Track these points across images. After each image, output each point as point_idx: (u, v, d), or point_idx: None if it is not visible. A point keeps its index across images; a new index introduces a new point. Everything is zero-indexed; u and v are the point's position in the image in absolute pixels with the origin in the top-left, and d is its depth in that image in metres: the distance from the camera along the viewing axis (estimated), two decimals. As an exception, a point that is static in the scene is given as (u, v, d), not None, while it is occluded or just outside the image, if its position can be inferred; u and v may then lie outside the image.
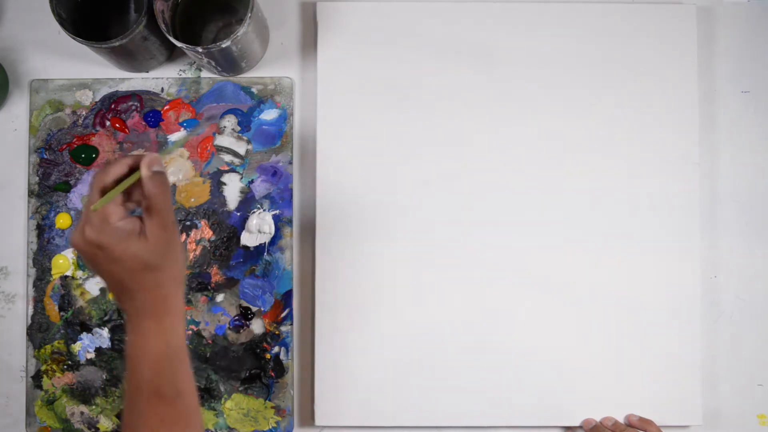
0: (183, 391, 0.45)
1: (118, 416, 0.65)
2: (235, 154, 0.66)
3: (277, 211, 0.66)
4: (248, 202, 0.65)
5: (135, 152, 0.45)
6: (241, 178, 0.66)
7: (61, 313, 0.65)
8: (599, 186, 0.65)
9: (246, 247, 0.65)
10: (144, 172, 0.44)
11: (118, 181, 0.45)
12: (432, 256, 0.65)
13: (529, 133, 0.66)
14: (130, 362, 0.45)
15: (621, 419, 0.64)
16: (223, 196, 0.65)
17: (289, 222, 0.65)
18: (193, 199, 0.65)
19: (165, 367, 0.45)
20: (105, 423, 0.65)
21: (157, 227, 0.44)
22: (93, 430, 0.65)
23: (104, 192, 0.45)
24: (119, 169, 0.45)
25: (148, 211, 0.45)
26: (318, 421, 0.64)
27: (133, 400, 0.45)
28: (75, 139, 0.66)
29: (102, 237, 0.44)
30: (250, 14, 0.57)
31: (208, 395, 0.65)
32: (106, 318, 0.65)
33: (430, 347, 0.65)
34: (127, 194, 0.46)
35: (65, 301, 0.65)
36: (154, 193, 0.44)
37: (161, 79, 0.66)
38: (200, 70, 0.67)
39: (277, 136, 0.66)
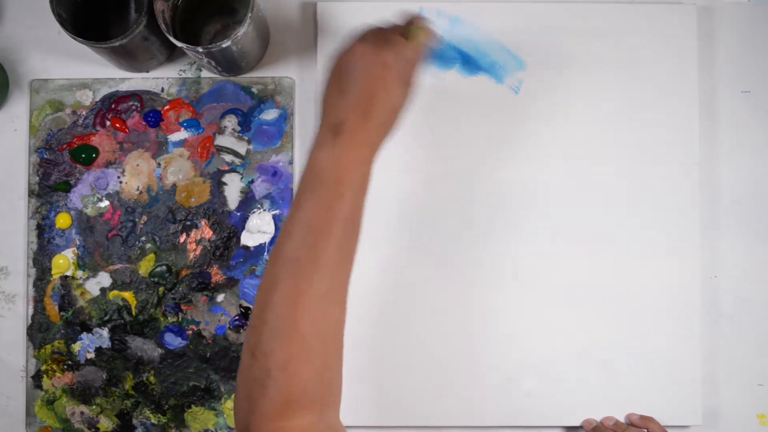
0: (360, 219, 0.48)
1: (118, 416, 0.65)
2: (236, 154, 0.66)
3: (277, 211, 0.66)
4: (248, 202, 0.65)
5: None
6: (242, 178, 0.66)
7: (61, 313, 0.65)
8: (599, 186, 0.65)
9: (246, 247, 0.65)
10: (424, 38, 0.52)
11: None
12: (432, 256, 0.65)
13: (528, 133, 0.66)
14: (333, 183, 0.47)
15: (621, 419, 0.64)
16: (224, 196, 0.65)
17: (289, 222, 0.65)
18: (193, 199, 0.65)
19: (357, 192, 0.48)
20: (105, 423, 0.65)
21: (412, 82, 0.52)
22: (93, 430, 0.65)
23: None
24: (419, 20, 0.53)
25: (409, 66, 0.51)
26: (318, 421, 0.64)
27: (327, 222, 0.46)
28: (75, 139, 0.66)
29: (395, 64, 0.49)
30: (250, 14, 0.57)
31: (208, 395, 0.65)
32: (106, 318, 0.65)
33: (430, 347, 0.65)
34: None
35: (65, 301, 0.65)
36: (419, 57, 0.52)
37: (161, 79, 0.66)
38: (200, 70, 0.66)
39: (277, 136, 0.66)
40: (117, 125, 0.66)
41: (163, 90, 0.66)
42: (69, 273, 0.65)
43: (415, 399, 0.64)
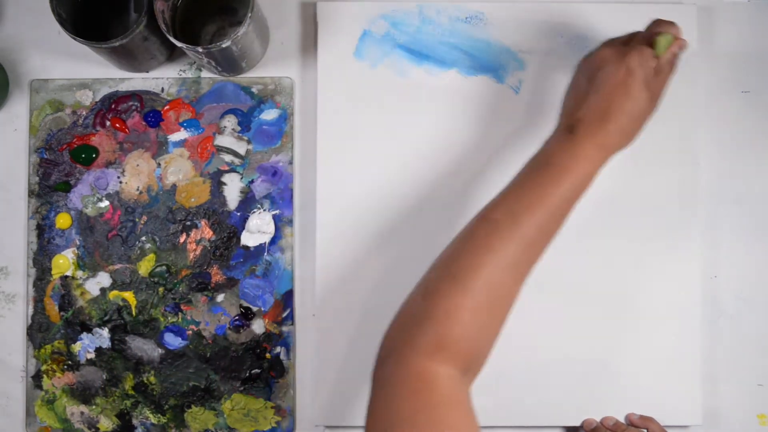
0: (568, 212, 0.50)
1: (118, 416, 0.65)
2: (236, 154, 0.66)
3: (277, 211, 0.66)
4: (248, 202, 0.65)
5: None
6: (242, 178, 0.66)
7: (61, 313, 0.65)
8: (599, 186, 0.65)
9: (246, 247, 0.65)
10: (671, 46, 0.53)
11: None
12: (432, 256, 0.65)
13: (528, 133, 0.66)
14: (557, 171, 0.49)
15: (621, 419, 0.64)
16: (224, 196, 0.65)
17: (289, 222, 0.65)
18: (193, 199, 0.65)
19: (579, 187, 0.49)
20: (105, 423, 0.65)
21: (658, 92, 0.53)
22: (93, 430, 0.65)
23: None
24: (671, 28, 0.54)
25: (658, 76, 0.52)
26: (318, 421, 0.64)
27: (538, 202, 0.48)
28: (75, 139, 0.66)
29: (641, 70, 0.51)
30: (250, 14, 0.57)
31: (208, 395, 0.65)
32: (106, 318, 0.65)
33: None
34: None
35: (65, 301, 0.65)
36: (670, 69, 0.54)
37: (161, 79, 0.66)
38: (200, 70, 0.67)
39: (277, 136, 0.66)
40: (117, 125, 0.66)
41: (163, 90, 0.66)
42: (69, 273, 0.65)
43: (415, 399, 0.64)
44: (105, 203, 0.65)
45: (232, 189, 0.66)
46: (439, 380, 0.44)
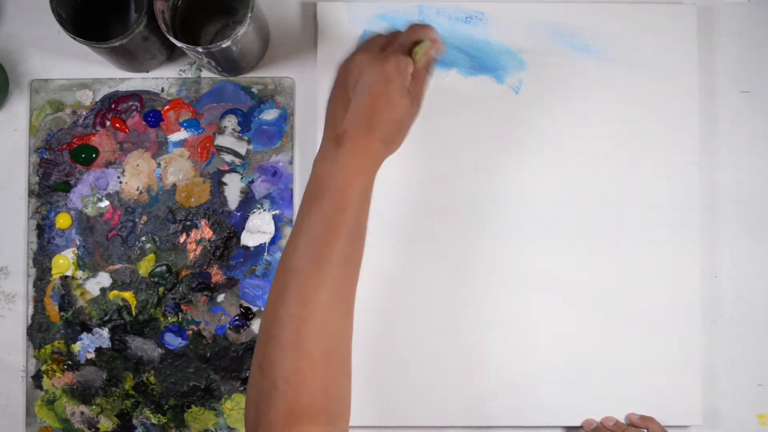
0: (364, 228, 0.49)
1: (118, 416, 0.65)
2: (236, 154, 0.66)
3: (277, 211, 0.66)
4: (248, 202, 0.65)
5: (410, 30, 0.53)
6: (242, 178, 0.66)
7: (61, 313, 0.65)
8: (599, 186, 0.65)
9: (246, 247, 0.65)
10: (429, 51, 0.52)
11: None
12: (432, 256, 0.65)
13: (528, 133, 0.66)
14: (337, 194, 0.47)
15: (621, 419, 0.64)
16: (224, 196, 0.65)
17: (289, 222, 0.65)
18: (193, 199, 0.65)
19: (361, 203, 0.48)
20: (105, 423, 0.65)
21: (419, 96, 0.52)
22: (93, 430, 0.65)
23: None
24: (428, 33, 0.52)
25: (416, 80, 0.51)
26: (318, 421, 0.64)
27: (332, 233, 0.47)
28: (75, 139, 0.66)
29: (399, 76, 0.49)
30: (250, 14, 0.57)
31: (208, 395, 0.65)
32: (106, 318, 0.65)
33: (430, 347, 0.65)
34: None
35: (65, 301, 0.65)
36: (427, 72, 0.52)
37: (161, 79, 0.66)
38: (200, 70, 0.67)
39: (277, 136, 0.66)
40: (117, 125, 0.66)
41: (163, 90, 0.66)
42: (69, 273, 0.65)
43: (415, 399, 0.64)
44: (105, 203, 0.65)
45: (232, 189, 0.66)
46: None
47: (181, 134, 0.66)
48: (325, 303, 0.45)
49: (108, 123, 0.66)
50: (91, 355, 0.65)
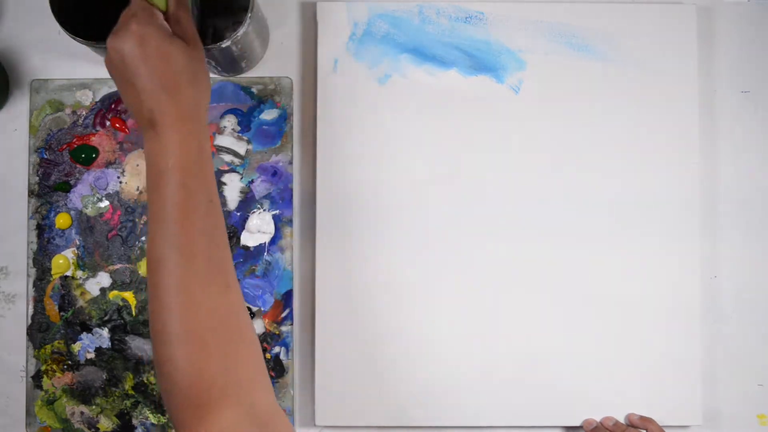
0: (214, 196, 0.46)
1: (118, 416, 0.65)
2: (235, 154, 0.66)
3: (277, 211, 0.66)
4: (248, 202, 0.65)
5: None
6: (241, 178, 0.66)
7: (61, 313, 0.65)
8: (599, 186, 0.65)
9: (246, 247, 0.65)
10: None
11: None
12: (432, 256, 0.65)
13: (529, 133, 0.66)
14: (172, 174, 0.45)
15: (621, 419, 0.64)
16: (223, 196, 0.65)
17: (289, 222, 0.65)
18: (193, 199, 0.65)
19: (201, 170, 0.45)
20: (105, 423, 0.65)
21: (194, 38, 0.48)
22: (93, 430, 0.65)
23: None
24: None
25: (177, 21, 0.48)
26: (318, 421, 0.64)
27: (183, 214, 0.44)
28: (75, 139, 0.66)
29: (150, 29, 0.45)
30: (250, 14, 0.57)
31: (208, 395, 0.65)
32: (106, 318, 0.65)
33: (430, 347, 0.65)
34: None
35: (65, 301, 0.65)
36: (183, 9, 0.48)
37: (161, 79, 0.66)
38: (200, 70, 0.66)
39: (277, 136, 0.66)
40: (117, 125, 0.66)
41: (163, 90, 0.66)
42: (69, 273, 0.65)
43: (415, 399, 0.64)
44: (105, 203, 0.65)
45: (232, 189, 0.66)
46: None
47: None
48: (198, 284, 0.44)
49: (108, 123, 0.66)
50: (91, 355, 0.65)
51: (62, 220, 0.65)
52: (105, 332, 0.65)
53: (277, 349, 0.65)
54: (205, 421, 0.41)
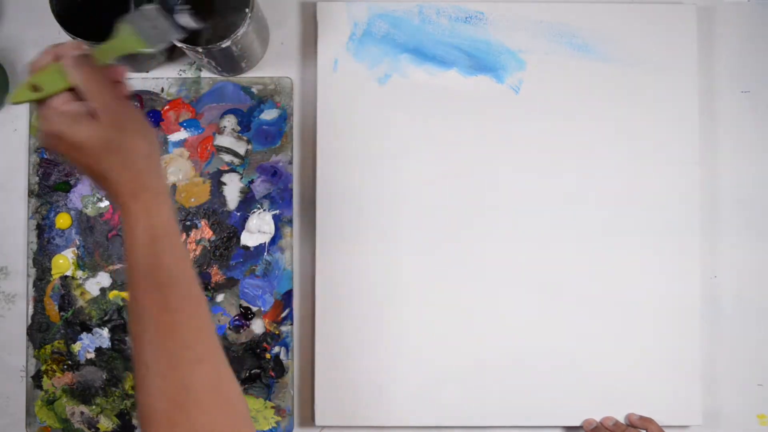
0: (177, 276, 0.43)
1: (118, 416, 0.65)
2: (235, 154, 0.66)
3: (277, 211, 0.66)
4: (248, 202, 0.65)
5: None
6: (241, 178, 0.66)
7: (61, 313, 0.65)
8: (599, 185, 0.65)
9: (246, 247, 0.65)
10: (66, 62, 0.43)
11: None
12: (432, 256, 0.65)
13: (528, 133, 0.66)
14: (125, 249, 0.43)
15: (621, 419, 0.64)
16: (223, 196, 0.65)
17: (289, 222, 0.65)
18: (193, 199, 0.65)
19: (154, 250, 0.43)
20: (105, 423, 0.65)
21: (101, 108, 0.43)
22: (93, 430, 0.65)
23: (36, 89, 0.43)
24: (43, 60, 0.44)
25: (86, 95, 0.43)
26: (318, 421, 0.64)
27: (133, 289, 0.43)
28: (75, 139, 0.65)
29: (53, 125, 0.42)
30: (250, 14, 0.57)
31: (208, 395, 0.65)
32: (106, 318, 0.65)
33: (430, 347, 0.65)
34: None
35: (65, 301, 0.65)
36: (80, 80, 0.43)
37: (161, 79, 0.66)
38: (200, 70, 0.67)
39: (277, 136, 0.66)
40: (117, 125, 0.66)
41: (163, 90, 0.66)
42: (69, 273, 0.65)
43: (414, 399, 0.64)
44: (105, 203, 0.65)
45: (232, 189, 0.66)
46: None
47: (181, 134, 0.66)
48: (163, 363, 0.42)
49: (108, 123, 0.66)
50: (91, 355, 0.65)
51: (62, 220, 0.65)
52: (105, 332, 0.65)
53: (277, 349, 0.65)
54: None
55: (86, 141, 0.42)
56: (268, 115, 0.66)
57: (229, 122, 0.66)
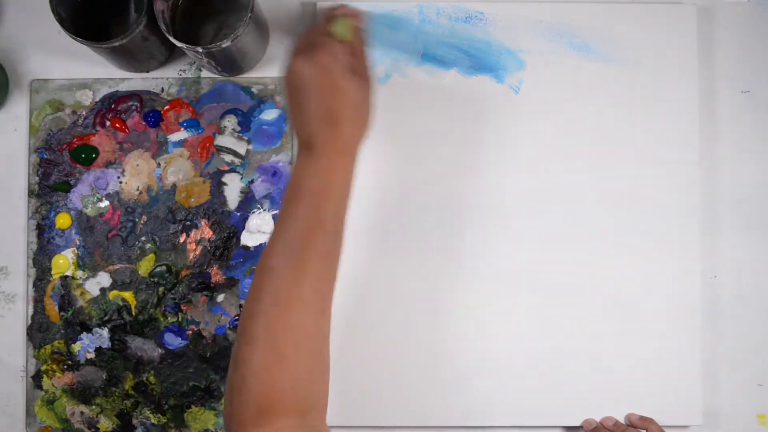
0: (340, 233, 0.49)
1: (118, 416, 0.65)
2: (236, 154, 0.66)
3: (277, 211, 0.65)
4: (248, 202, 0.65)
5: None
6: (242, 178, 0.66)
7: (61, 313, 0.65)
8: (599, 185, 0.65)
9: (246, 247, 0.65)
10: (355, 22, 0.51)
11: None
12: (432, 256, 0.65)
13: (528, 133, 0.66)
14: (313, 197, 0.48)
15: (621, 419, 0.64)
16: (224, 196, 0.65)
17: (289, 222, 0.65)
18: (193, 199, 0.65)
19: (341, 201, 0.48)
20: (105, 423, 0.65)
21: (364, 72, 0.50)
22: (93, 430, 0.65)
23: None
24: (338, 11, 0.52)
25: (356, 57, 0.50)
26: (318, 421, 0.64)
27: (309, 234, 0.47)
28: (75, 139, 0.66)
29: (334, 62, 0.48)
30: (250, 14, 0.57)
31: (209, 395, 0.65)
32: (106, 318, 0.65)
33: (430, 347, 0.65)
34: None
35: (65, 301, 0.65)
36: (360, 42, 0.51)
37: (161, 79, 0.66)
38: (200, 70, 0.67)
39: (277, 136, 0.66)
40: (117, 125, 0.66)
41: (163, 90, 0.66)
42: (69, 273, 0.65)
43: (413, 399, 0.64)
44: (105, 203, 0.65)
45: (232, 189, 0.66)
46: None
47: (181, 134, 0.66)
48: (298, 301, 0.46)
49: (108, 123, 0.66)
50: (91, 355, 0.65)
51: (62, 220, 0.65)
52: (105, 332, 0.65)
53: (277, 349, 0.65)
54: (260, 424, 0.44)
55: (346, 90, 0.48)
56: (268, 115, 0.66)
57: (229, 122, 0.66)
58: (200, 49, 0.57)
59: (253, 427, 0.44)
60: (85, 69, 0.66)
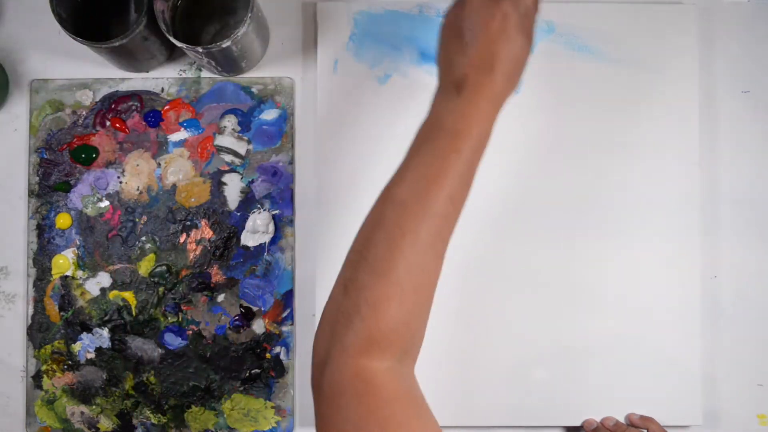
0: (470, 183, 0.48)
1: (119, 416, 0.65)
2: (236, 154, 0.66)
3: (277, 211, 0.66)
4: (248, 202, 0.65)
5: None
6: (242, 178, 0.66)
7: (61, 313, 0.65)
8: (599, 185, 0.65)
9: (246, 247, 0.65)
10: None
11: None
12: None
13: (528, 132, 0.66)
14: (452, 136, 0.46)
15: (621, 419, 0.64)
16: (224, 196, 0.65)
17: (289, 222, 0.65)
18: (193, 199, 0.65)
19: (479, 145, 0.47)
20: (105, 423, 0.65)
21: (531, 33, 0.49)
22: (93, 430, 0.65)
23: None
24: None
25: (526, 17, 0.49)
26: (318, 421, 0.64)
27: (441, 171, 0.46)
28: (75, 139, 0.66)
29: (514, 13, 0.48)
30: (250, 14, 0.57)
31: (208, 395, 0.65)
32: (106, 318, 0.65)
33: (429, 347, 0.64)
34: None
35: (65, 301, 0.65)
36: (536, 8, 0.50)
37: (161, 79, 0.66)
38: (200, 70, 0.67)
39: (277, 136, 0.66)
40: (117, 125, 0.66)
41: (163, 90, 0.66)
42: (69, 273, 0.65)
43: (415, 399, 0.64)
44: (105, 203, 0.65)
45: (232, 189, 0.66)
46: (379, 378, 0.43)
47: (181, 134, 0.66)
48: (423, 239, 0.45)
49: (108, 123, 0.66)
50: (91, 355, 0.65)
51: (62, 220, 0.65)
52: (105, 332, 0.65)
53: (277, 349, 0.65)
54: (367, 355, 0.43)
55: (515, 43, 0.48)
56: (269, 115, 0.66)
57: (230, 122, 0.66)
58: (200, 49, 0.57)
59: (357, 357, 0.43)
60: (85, 69, 0.66)
